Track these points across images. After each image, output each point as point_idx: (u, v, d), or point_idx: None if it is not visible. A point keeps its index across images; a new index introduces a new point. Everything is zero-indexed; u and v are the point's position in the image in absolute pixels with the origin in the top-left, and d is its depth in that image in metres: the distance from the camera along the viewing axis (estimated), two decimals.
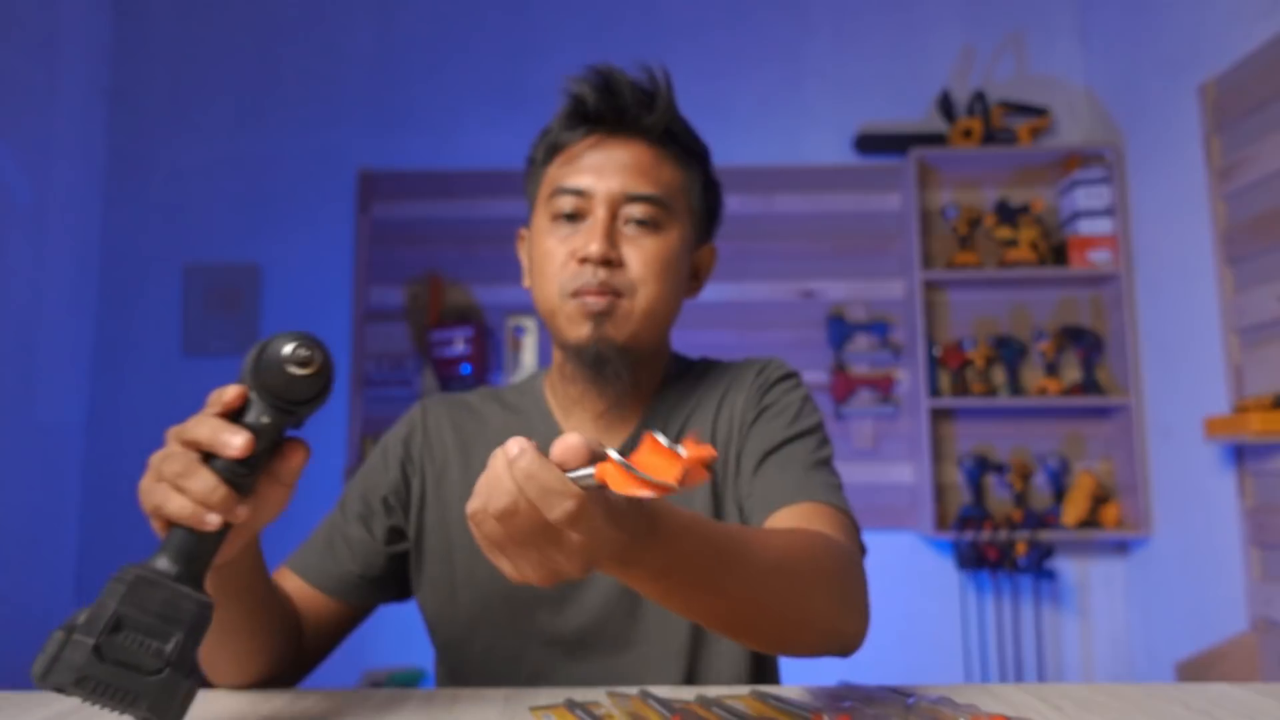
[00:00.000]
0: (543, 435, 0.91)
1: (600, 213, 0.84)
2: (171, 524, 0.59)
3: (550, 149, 0.89)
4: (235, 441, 0.58)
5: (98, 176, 2.89)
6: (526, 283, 0.93)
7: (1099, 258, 2.63)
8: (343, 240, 2.85)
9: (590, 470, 0.46)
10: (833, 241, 2.84)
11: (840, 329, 2.77)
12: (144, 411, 2.78)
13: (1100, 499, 2.63)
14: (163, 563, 0.57)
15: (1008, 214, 2.71)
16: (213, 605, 0.57)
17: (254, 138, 2.92)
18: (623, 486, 0.44)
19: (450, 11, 2.96)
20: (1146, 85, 2.56)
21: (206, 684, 0.61)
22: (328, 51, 2.96)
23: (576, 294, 0.83)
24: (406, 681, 2.57)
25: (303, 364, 0.58)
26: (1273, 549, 2.00)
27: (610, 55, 0.89)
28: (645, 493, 0.44)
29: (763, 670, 0.90)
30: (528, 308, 2.79)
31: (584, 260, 0.83)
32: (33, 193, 2.58)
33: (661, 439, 0.46)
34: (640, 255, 0.85)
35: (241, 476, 0.59)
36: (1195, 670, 2.19)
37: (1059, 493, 2.67)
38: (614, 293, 0.83)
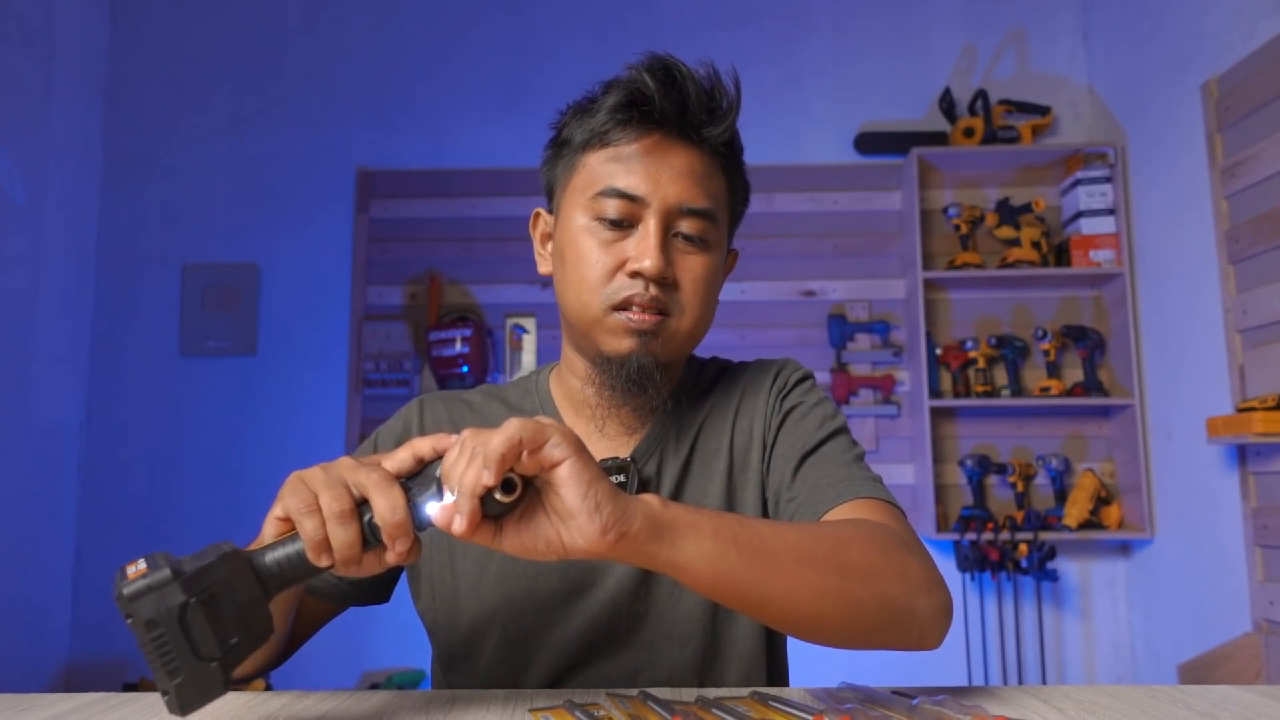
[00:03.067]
0: None
1: (653, 224, 0.79)
2: (293, 530, 0.59)
3: (594, 136, 0.81)
4: (406, 552, 0.58)
5: (95, 176, 2.88)
6: (545, 269, 0.88)
7: (1101, 257, 2.62)
8: (341, 240, 2.84)
9: None
10: (834, 241, 2.84)
11: (841, 329, 2.76)
12: (141, 412, 2.77)
13: (1102, 500, 2.62)
14: (266, 559, 0.58)
15: (1009, 213, 2.71)
16: (273, 633, 0.58)
17: (252, 137, 2.91)
18: None
19: (449, 11, 2.96)
20: (1149, 84, 2.55)
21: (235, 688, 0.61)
22: (326, 51, 2.95)
23: (623, 306, 0.80)
24: (406, 683, 2.56)
25: (508, 489, 0.56)
26: (1276, 550, 1.99)
27: (608, 55, 0.87)
28: None
29: (776, 682, 0.88)
30: (528, 307, 2.77)
31: (636, 274, 0.79)
32: (29, 192, 2.58)
33: None
34: (690, 276, 0.82)
35: (377, 539, 0.59)
36: (1198, 672, 2.18)
37: (1061, 493, 2.66)
38: (662, 311, 0.81)
